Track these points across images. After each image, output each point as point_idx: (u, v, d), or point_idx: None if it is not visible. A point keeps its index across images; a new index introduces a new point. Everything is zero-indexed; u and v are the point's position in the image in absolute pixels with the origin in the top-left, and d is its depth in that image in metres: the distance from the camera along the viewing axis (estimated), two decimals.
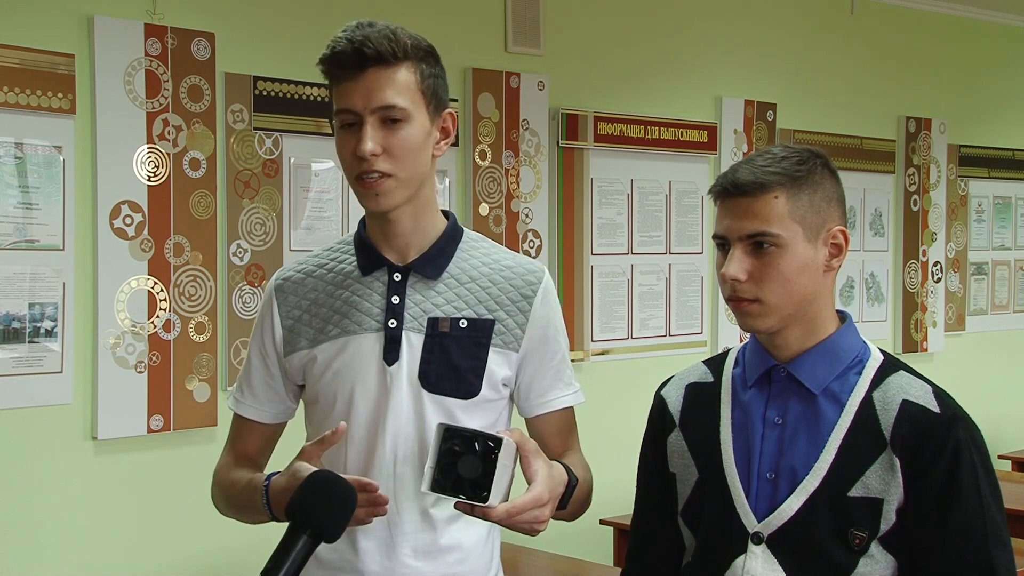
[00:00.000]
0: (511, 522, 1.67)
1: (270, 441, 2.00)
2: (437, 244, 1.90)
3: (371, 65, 1.77)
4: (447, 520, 1.86)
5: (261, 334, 1.96)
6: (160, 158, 3.51)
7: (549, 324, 1.92)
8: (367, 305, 1.87)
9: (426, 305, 1.87)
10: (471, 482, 1.63)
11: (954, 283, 6.06)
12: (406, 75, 1.79)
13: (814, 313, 1.78)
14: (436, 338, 1.85)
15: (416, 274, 1.88)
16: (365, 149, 1.76)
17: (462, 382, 1.85)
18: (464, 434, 1.66)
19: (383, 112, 1.78)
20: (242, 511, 1.92)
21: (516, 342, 1.89)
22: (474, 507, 1.64)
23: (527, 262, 1.95)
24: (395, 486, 1.84)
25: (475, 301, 1.88)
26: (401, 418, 1.84)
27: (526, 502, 1.66)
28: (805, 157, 1.77)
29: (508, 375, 1.89)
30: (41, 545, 3.35)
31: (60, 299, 3.34)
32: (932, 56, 5.94)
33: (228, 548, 3.57)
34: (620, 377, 4.63)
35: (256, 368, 1.96)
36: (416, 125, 1.80)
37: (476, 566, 1.90)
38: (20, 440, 3.32)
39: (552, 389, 1.93)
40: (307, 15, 3.85)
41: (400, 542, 1.84)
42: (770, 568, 1.74)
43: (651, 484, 1.94)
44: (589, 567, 3.85)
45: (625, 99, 4.70)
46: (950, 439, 1.70)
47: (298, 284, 1.93)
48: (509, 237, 4.30)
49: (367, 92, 1.78)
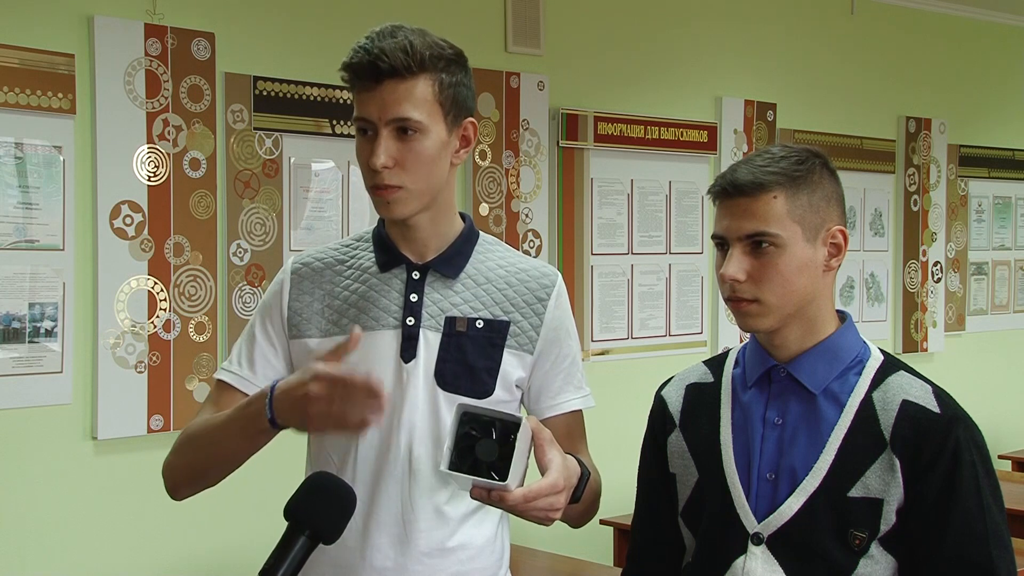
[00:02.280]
0: (526, 507, 1.65)
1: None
2: (455, 245, 1.91)
3: (386, 78, 1.77)
4: (460, 518, 1.86)
5: (268, 311, 1.94)
6: (160, 158, 3.51)
7: (561, 327, 1.93)
8: (385, 302, 1.87)
9: (444, 304, 1.88)
10: (488, 465, 1.62)
11: (954, 283, 6.06)
12: (423, 88, 1.79)
13: (813, 313, 1.78)
14: (453, 337, 1.86)
15: (435, 273, 1.89)
16: (376, 163, 1.77)
17: (477, 382, 1.86)
18: (483, 418, 1.65)
19: (397, 124, 1.78)
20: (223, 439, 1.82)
21: (531, 344, 1.90)
22: (491, 491, 1.62)
23: (541, 265, 1.96)
24: (410, 483, 1.84)
25: (491, 302, 1.89)
26: (416, 415, 1.84)
27: (543, 487, 1.65)
28: (804, 157, 1.77)
29: (522, 376, 1.90)
30: (41, 545, 3.35)
31: (60, 299, 3.34)
32: (932, 56, 5.94)
33: (228, 548, 3.57)
34: (620, 377, 4.63)
35: (260, 344, 1.93)
36: (432, 137, 1.80)
37: (486, 564, 1.90)
38: (20, 440, 3.32)
39: (562, 392, 1.94)
40: (307, 15, 3.85)
41: (413, 538, 1.84)
42: (770, 569, 1.74)
43: (651, 485, 1.94)
44: (589, 567, 3.85)
45: (625, 99, 4.70)
46: (950, 439, 1.70)
47: (316, 272, 1.93)
48: (509, 237, 4.30)
49: (382, 104, 1.78)
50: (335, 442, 1.86)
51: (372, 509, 1.84)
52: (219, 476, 1.89)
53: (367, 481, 1.84)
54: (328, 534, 1.52)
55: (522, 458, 1.64)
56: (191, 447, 1.89)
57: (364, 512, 1.82)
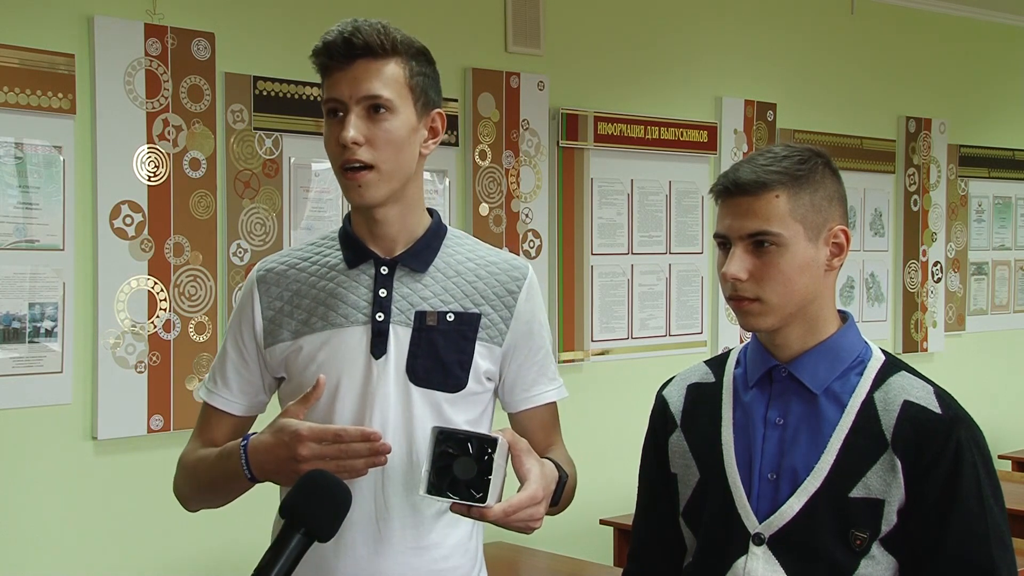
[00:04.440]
0: (507, 521, 1.67)
1: (239, 434, 1.93)
2: (423, 239, 1.91)
3: (360, 56, 1.80)
4: (434, 517, 1.86)
5: (239, 324, 1.95)
6: (160, 158, 3.51)
7: (533, 319, 1.93)
8: (353, 298, 1.87)
9: (413, 298, 1.87)
10: (467, 483, 1.64)
11: (954, 283, 6.06)
12: (394, 69, 1.81)
13: (815, 313, 1.78)
14: (423, 332, 1.85)
15: (403, 267, 1.88)
16: (347, 136, 1.78)
17: (449, 375, 1.85)
18: (458, 436, 1.66)
19: (368, 102, 1.80)
20: (213, 484, 1.88)
21: (500, 336, 1.89)
22: (471, 508, 1.64)
23: (511, 258, 1.96)
24: (383, 481, 1.83)
25: (461, 295, 1.89)
26: (388, 412, 1.83)
27: (522, 500, 1.67)
28: (806, 156, 1.77)
29: (491, 369, 1.90)
30: (41, 545, 3.35)
31: (60, 299, 3.34)
32: (932, 56, 5.94)
33: (228, 548, 3.57)
34: (620, 377, 4.63)
35: (232, 359, 1.95)
36: (401, 118, 1.82)
37: (461, 562, 1.90)
38: (20, 440, 3.32)
39: (536, 384, 1.95)
40: (307, 15, 3.85)
41: (388, 538, 1.84)
42: (771, 569, 1.74)
43: (652, 485, 1.94)
44: (589, 567, 3.85)
45: (625, 99, 4.70)
46: (952, 440, 1.70)
47: (280, 276, 1.93)
48: (509, 237, 4.30)
49: (354, 81, 1.80)
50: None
51: None
52: (224, 502, 1.93)
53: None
54: (323, 532, 1.52)
55: (500, 474, 1.66)
56: (192, 478, 1.94)
57: None
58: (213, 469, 1.86)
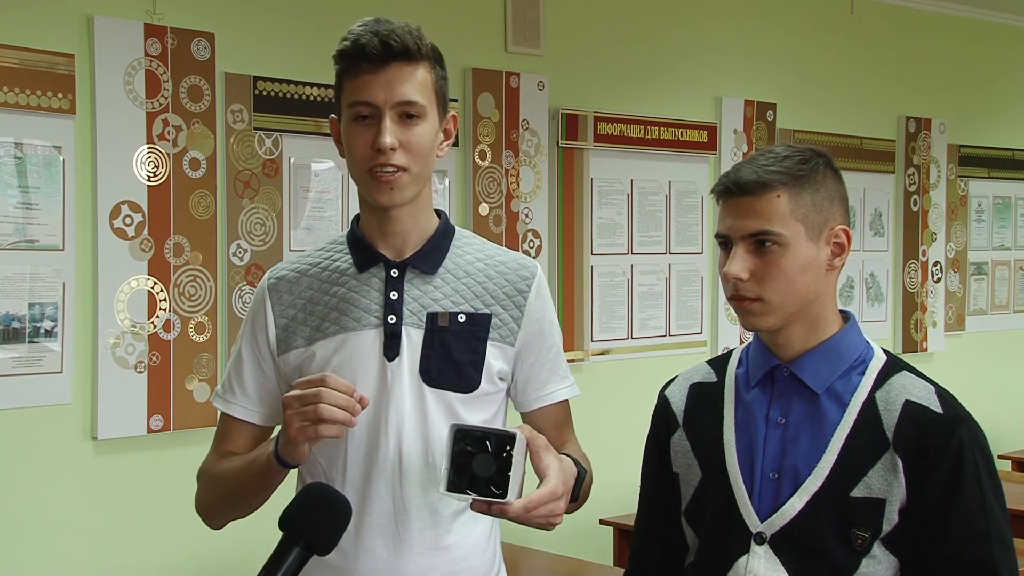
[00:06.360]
0: (527, 517, 1.66)
1: (259, 444, 1.91)
2: (432, 240, 1.90)
3: (395, 59, 1.78)
4: (452, 516, 1.86)
5: (253, 332, 1.93)
6: (160, 158, 3.51)
7: (544, 318, 1.94)
8: (365, 302, 1.87)
9: (424, 300, 1.87)
10: (486, 480, 1.63)
11: (954, 283, 6.06)
12: (424, 74, 1.81)
13: (816, 312, 1.78)
14: (436, 333, 1.85)
15: (413, 269, 1.88)
16: (385, 142, 1.77)
17: (462, 376, 1.85)
18: (476, 433, 1.66)
19: (402, 107, 1.79)
20: (240, 489, 1.87)
21: (512, 336, 1.90)
22: (491, 505, 1.63)
23: (520, 257, 1.96)
24: (401, 482, 1.83)
25: (472, 295, 1.89)
26: (403, 414, 1.83)
27: (542, 496, 1.66)
28: (808, 156, 1.77)
29: (504, 368, 1.90)
30: (41, 545, 3.35)
31: (60, 299, 3.34)
32: (932, 56, 5.94)
33: (228, 548, 3.57)
34: (620, 377, 4.63)
35: (248, 367, 1.93)
36: (430, 123, 1.82)
37: (480, 562, 1.90)
38: (20, 440, 3.31)
39: (549, 382, 1.95)
40: (307, 15, 3.85)
41: (406, 538, 1.83)
42: (773, 568, 1.74)
43: (654, 484, 1.94)
44: (589, 567, 3.85)
45: (625, 99, 4.70)
46: (953, 440, 1.70)
47: (292, 283, 1.92)
48: (509, 237, 4.30)
49: (389, 85, 1.78)
50: (322, 446, 1.84)
51: (364, 510, 1.83)
52: (252, 507, 1.91)
53: (357, 482, 1.84)
54: (323, 545, 1.51)
55: (519, 470, 1.65)
56: (217, 484, 1.92)
57: (356, 513, 1.81)
58: (239, 474, 1.84)
